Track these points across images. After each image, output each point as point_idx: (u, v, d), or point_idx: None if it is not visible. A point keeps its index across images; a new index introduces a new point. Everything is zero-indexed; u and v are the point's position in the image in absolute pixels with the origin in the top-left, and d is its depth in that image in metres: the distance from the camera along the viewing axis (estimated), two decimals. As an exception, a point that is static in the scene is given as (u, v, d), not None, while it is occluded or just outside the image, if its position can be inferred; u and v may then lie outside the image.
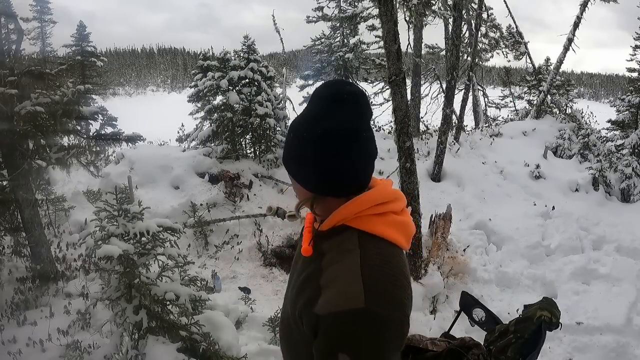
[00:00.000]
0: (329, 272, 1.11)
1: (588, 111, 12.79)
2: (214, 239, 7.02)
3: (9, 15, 6.62)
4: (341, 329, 1.06)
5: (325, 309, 1.07)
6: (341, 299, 1.06)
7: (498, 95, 17.00)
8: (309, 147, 1.10)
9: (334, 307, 1.06)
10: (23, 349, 3.95)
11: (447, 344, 2.21)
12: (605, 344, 4.76)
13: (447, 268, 5.77)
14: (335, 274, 1.10)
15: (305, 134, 1.10)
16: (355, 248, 1.11)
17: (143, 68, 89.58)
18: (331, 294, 1.08)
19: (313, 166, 1.12)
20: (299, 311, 1.15)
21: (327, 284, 1.10)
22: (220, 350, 3.21)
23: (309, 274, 1.16)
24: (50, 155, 4.98)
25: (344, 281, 1.08)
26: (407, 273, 1.18)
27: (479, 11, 11.58)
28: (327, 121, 1.08)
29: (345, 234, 1.14)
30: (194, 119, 9.85)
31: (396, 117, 5.21)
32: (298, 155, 1.14)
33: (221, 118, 8.61)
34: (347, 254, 1.11)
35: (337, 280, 1.09)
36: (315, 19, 12.72)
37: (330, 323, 1.06)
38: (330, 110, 1.09)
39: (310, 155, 1.11)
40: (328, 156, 1.09)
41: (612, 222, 7.68)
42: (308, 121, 1.11)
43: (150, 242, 3.11)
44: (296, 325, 1.19)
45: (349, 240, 1.13)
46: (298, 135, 1.13)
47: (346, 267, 1.09)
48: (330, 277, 1.10)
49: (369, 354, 1.05)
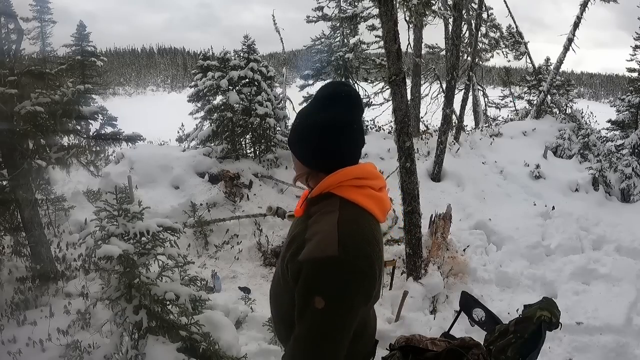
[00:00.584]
0: (313, 228, 1.37)
1: (588, 111, 12.78)
2: (214, 238, 7.02)
3: (9, 15, 6.61)
4: (317, 274, 1.28)
5: (305, 256, 1.30)
6: (319, 248, 1.29)
7: (498, 95, 16.99)
8: (311, 132, 1.39)
9: (312, 254, 1.29)
10: (23, 348, 3.95)
11: (447, 344, 2.21)
12: (605, 344, 4.75)
13: (447, 268, 5.76)
14: (317, 229, 1.35)
15: (309, 121, 1.40)
16: (335, 210, 1.37)
17: (143, 68, 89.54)
18: (312, 244, 1.31)
19: (312, 147, 1.40)
20: (286, 262, 1.38)
21: (310, 237, 1.34)
22: (220, 350, 3.21)
23: (297, 231, 1.41)
24: (50, 155, 4.97)
25: (323, 234, 1.32)
26: (378, 237, 1.41)
27: (479, 11, 11.57)
28: (327, 113, 1.37)
29: (330, 199, 1.40)
30: (194, 118, 9.85)
31: (396, 117, 5.20)
32: (301, 137, 1.42)
33: (221, 118, 8.61)
34: (328, 214, 1.37)
35: (318, 234, 1.33)
36: (315, 19, 12.71)
37: (309, 268, 1.28)
38: (330, 105, 1.38)
39: (311, 139, 1.39)
40: (325, 140, 1.38)
41: (612, 222, 7.68)
42: (312, 112, 1.41)
43: (150, 242, 3.11)
44: (283, 276, 1.41)
45: (331, 204, 1.39)
46: (303, 122, 1.42)
47: (326, 223, 1.34)
48: (313, 232, 1.35)
49: (338, 298, 1.27)
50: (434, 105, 14.41)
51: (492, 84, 30.79)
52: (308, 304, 1.27)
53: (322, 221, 1.36)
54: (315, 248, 1.29)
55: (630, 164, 9.04)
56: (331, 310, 1.27)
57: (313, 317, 1.27)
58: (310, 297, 1.27)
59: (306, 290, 1.28)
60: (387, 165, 8.80)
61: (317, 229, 1.35)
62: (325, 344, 1.29)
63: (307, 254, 1.30)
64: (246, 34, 9.27)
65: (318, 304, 1.26)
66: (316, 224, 1.37)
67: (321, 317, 1.27)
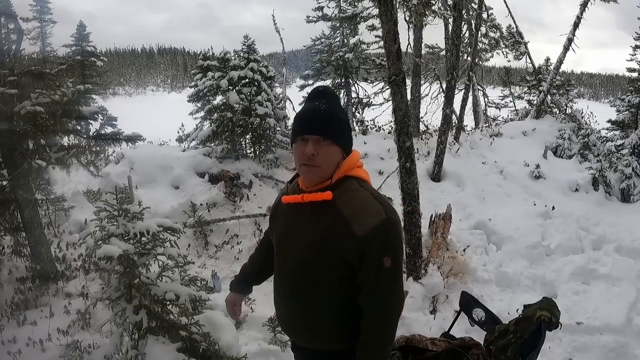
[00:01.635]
0: (349, 207, 1.56)
1: (588, 111, 12.78)
2: (213, 238, 7.02)
3: (9, 15, 6.61)
4: (379, 238, 1.51)
5: (364, 229, 1.51)
6: (371, 217, 1.52)
7: (498, 95, 16.98)
8: (347, 122, 1.68)
9: (369, 224, 1.51)
10: (23, 348, 3.95)
11: (447, 344, 2.21)
12: (605, 344, 4.75)
13: (447, 268, 5.76)
14: (355, 206, 1.55)
15: (342, 116, 1.66)
16: (358, 187, 1.62)
17: (143, 68, 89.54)
18: (362, 218, 1.52)
19: (348, 135, 1.67)
20: (336, 247, 1.54)
21: (354, 215, 1.54)
22: (220, 350, 3.20)
23: (330, 219, 1.56)
24: (50, 155, 4.97)
25: (366, 207, 1.54)
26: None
27: (479, 11, 11.57)
28: (342, 107, 1.74)
29: (347, 181, 1.62)
30: (193, 118, 9.85)
31: (396, 117, 5.20)
32: (342, 127, 1.64)
33: (221, 118, 8.60)
34: (355, 191, 1.60)
35: (361, 208, 1.54)
36: (315, 19, 12.71)
37: (372, 237, 1.51)
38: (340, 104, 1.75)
39: (348, 129, 1.67)
40: (349, 129, 1.69)
41: (612, 222, 7.67)
42: (337, 109, 1.66)
43: (150, 242, 3.11)
44: (328, 263, 1.56)
45: (352, 184, 1.62)
46: (339, 117, 1.64)
47: (361, 198, 1.58)
48: (353, 209, 1.55)
49: (399, 250, 1.58)
50: (434, 105, 14.41)
51: (492, 84, 30.81)
52: (381, 268, 1.50)
53: (354, 198, 1.57)
54: (367, 219, 1.51)
55: (630, 164, 9.04)
56: (397, 263, 1.55)
57: (386, 276, 1.51)
58: (380, 261, 1.50)
59: (377, 256, 1.50)
60: (387, 165, 8.80)
61: (355, 206, 1.55)
62: (399, 294, 1.59)
63: (364, 227, 1.51)
64: (246, 34, 9.27)
65: (386, 263, 1.50)
66: (350, 202, 1.56)
67: (392, 273, 1.52)
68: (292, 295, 1.68)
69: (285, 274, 1.70)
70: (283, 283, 1.73)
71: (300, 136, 1.59)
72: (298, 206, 1.63)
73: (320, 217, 1.58)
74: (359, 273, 1.54)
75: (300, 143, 1.59)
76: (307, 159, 1.55)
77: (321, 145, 1.56)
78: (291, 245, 1.67)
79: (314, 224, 1.59)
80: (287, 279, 1.69)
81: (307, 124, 1.58)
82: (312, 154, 1.54)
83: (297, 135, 1.60)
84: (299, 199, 1.62)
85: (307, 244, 1.59)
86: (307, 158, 1.55)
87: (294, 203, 1.65)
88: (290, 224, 1.69)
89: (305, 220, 1.62)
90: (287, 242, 1.70)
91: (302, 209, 1.62)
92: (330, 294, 1.59)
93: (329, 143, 1.57)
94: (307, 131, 1.57)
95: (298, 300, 1.65)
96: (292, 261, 1.65)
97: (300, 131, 1.60)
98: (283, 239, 1.72)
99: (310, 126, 1.57)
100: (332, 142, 1.58)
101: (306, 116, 1.61)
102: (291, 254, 1.66)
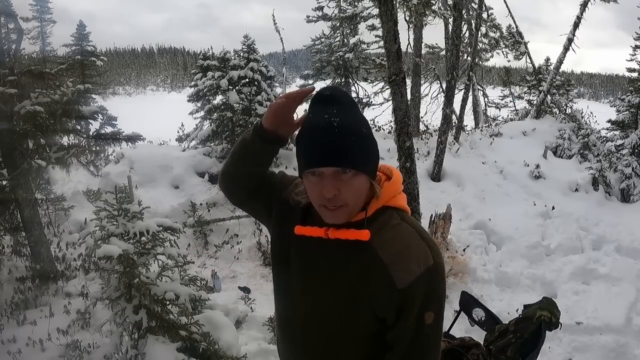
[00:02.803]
0: (389, 249, 1.20)
1: (588, 111, 12.78)
2: (213, 238, 7.02)
3: (9, 15, 6.62)
4: (424, 290, 1.18)
5: (407, 280, 1.17)
6: (417, 264, 1.17)
7: (498, 95, 16.98)
8: (369, 139, 1.21)
9: (414, 273, 1.17)
10: (23, 348, 3.95)
11: (447, 344, 2.21)
12: (605, 344, 4.76)
13: (447, 268, 5.76)
14: (398, 248, 1.20)
15: (364, 130, 1.20)
16: (400, 222, 1.24)
17: (143, 68, 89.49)
18: (405, 264, 1.18)
19: (374, 154, 1.22)
20: (369, 301, 1.21)
21: (396, 261, 1.18)
22: (220, 350, 3.21)
23: (363, 264, 1.21)
24: (50, 155, 4.97)
25: (412, 249, 1.19)
26: None
27: (479, 11, 11.57)
28: (362, 114, 1.25)
29: (386, 213, 1.25)
30: (193, 118, 9.85)
31: (396, 117, 5.21)
32: (367, 148, 1.20)
33: (221, 117, 8.61)
34: (397, 227, 1.23)
35: (404, 251, 1.19)
36: (315, 19, 12.73)
37: (416, 289, 1.17)
38: (356, 107, 1.24)
39: (373, 145, 1.22)
40: (374, 144, 1.23)
41: (611, 222, 7.68)
42: (356, 120, 1.20)
43: (150, 241, 3.11)
44: (355, 318, 1.23)
45: (392, 217, 1.25)
46: (360, 132, 1.19)
47: (406, 238, 1.21)
48: (394, 253, 1.19)
49: (442, 304, 1.23)
50: (434, 105, 14.41)
51: (492, 84, 30.80)
52: (421, 325, 1.20)
53: (397, 237, 1.22)
54: (412, 266, 1.18)
55: (630, 164, 9.04)
56: (439, 317, 1.23)
57: (427, 334, 1.22)
58: (422, 316, 1.19)
59: (418, 311, 1.19)
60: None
61: (397, 249, 1.20)
62: (436, 353, 1.26)
63: (407, 277, 1.17)
64: (246, 34, 9.27)
65: (429, 319, 1.20)
66: (390, 242, 1.21)
67: (434, 330, 1.23)
68: (305, 349, 1.37)
69: (297, 325, 1.37)
70: (293, 335, 1.40)
71: (310, 170, 1.18)
72: (319, 242, 1.26)
73: (350, 259, 1.23)
74: (392, 329, 1.23)
75: (313, 178, 1.18)
76: (328, 201, 1.17)
77: (341, 179, 1.16)
78: (307, 292, 1.32)
79: (340, 270, 1.25)
80: (300, 332, 1.36)
81: (319, 154, 1.16)
82: (334, 194, 1.16)
83: (308, 168, 1.18)
84: (320, 234, 1.25)
85: (330, 294, 1.26)
86: (327, 200, 1.17)
87: (313, 237, 1.27)
88: (307, 264, 1.31)
89: (329, 261, 1.26)
90: (300, 286, 1.33)
91: (325, 245, 1.26)
92: (353, 353, 1.29)
93: (352, 175, 1.17)
94: (320, 163, 1.16)
95: (313, 354, 1.35)
96: (307, 309, 1.32)
97: (310, 164, 1.18)
98: (295, 277, 1.35)
99: (325, 157, 1.16)
100: (357, 171, 1.17)
101: (316, 140, 1.17)
102: (307, 305, 1.32)
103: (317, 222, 1.27)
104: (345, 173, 1.16)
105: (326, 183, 1.16)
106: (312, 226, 1.27)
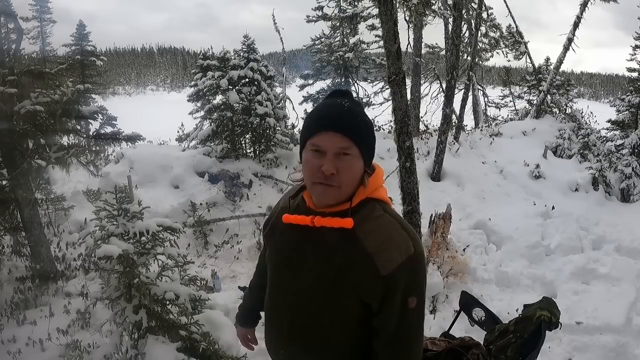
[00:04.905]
0: (373, 238, 1.27)
1: (588, 111, 12.79)
2: (213, 238, 7.02)
3: (9, 15, 6.61)
4: (407, 277, 1.25)
5: (390, 267, 1.24)
6: (399, 253, 1.25)
7: (498, 95, 16.98)
8: (372, 131, 1.33)
9: (396, 261, 1.24)
10: (23, 348, 3.95)
11: (447, 344, 2.21)
12: (605, 344, 4.75)
13: (447, 267, 5.76)
14: (380, 238, 1.27)
15: (368, 120, 1.32)
16: (382, 213, 1.32)
17: (143, 68, 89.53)
18: (388, 253, 1.25)
19: (373, 146, 1.33)
20: (354, 287, 1.27)
21: (379, 249, 1.25)
22: (220, 350, 3.21)
23: (348, 251, 1.28)
24: (49, 155, 4.97)
25: (394, 239, 1.27)
26: None
27: (479, 11, 11.57)
28: (362, 107, 1.36)
29: (369, 205, 1.32)
30: (193, 118, 9.85)
31: (396, 117, 5.20)
32: (369, 133, 1.30)
33: (221, 117, 8.60)
34: (379, 219, 1.30)
35: (387, 241, 1.26)
36: (315, 19, 12.72)
37: (398, 276, 1.24)
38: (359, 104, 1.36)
39: (373, 137, 1.33)
40: (374, 138, 1.34)
41: (611, 222, 7.67)
42: (364, 113, 1.32)
43: (150, 241, 3.11)
44: (341, 304, 1.29)
45: (374, 209, 1.32)
46: (366, 120, 1.31)
47: (388, 228, 1.29)
48: (377, 242, 1.26)
49: (424, 289, 1.31)
50: (434, 105, 14.42)
51: (492, 83, 30.82)
52: (405, 309, 1.27)
53: (380, 228, 1.29)
54: (395, 255, 1.25)
55: (630, 163, 9.04)
56: (421, 302, 1.31)
57: (410, 318, 1.29)
58: (405, 301, 1.26)
59: (402, 296, 1.26)
60: (387, 165, 8.77)
61: (381, 238, 1.27)
62: (420, 338, 1.35)
63: (390, 265, 1.24)
64: (246, 34, 9.27)
65: (411, 304, 1.27)
66: (374, 233, 1.28)
67: (417, 314, 1.30)
68: (291, 334, 1.40)
69: (284, 310, 1.41)
70: (280, 321, 1.44)
71: (316, 134, 1.24)
72: (305, 229, 1.33)
73: (335, 247, 1.29)
74: (377, 314, 1.29)
75: (314, 154, 1.25)
76: (324, 178, 1.23)
77: (342, 160, 1.23)
78: (294, 277, 1.37)
79: (326, 256, 1.30)
80: (287, 317, 1.41)
81: (327, 119, 1.24)
82: (332, 172, 1.22)
83: (313, 131, 1.25)
84: (307, 222, 1.31)
85: (315, 279, 1.31)
86: (323, 177, 1.23)
87: (300, 225, 1.34)
88: (293, 251, 1.37)
89: (315, 249, 1.32)
90: (288, 272, 1.39)
91: (310, 233, 1.32)
92: (340, 337, 1.33)
93: (352, 157, 1.24)
94: (328, 126, 1.23)
95: (299, 342, 1.39)
96: (294, 298, 1.37)
97: (317, 127, 1.25)
98: (283, 268, 1.41)
99: (333, 122, 1.23)
100: (357, 153, 1.25)
101: (325, 111, 1.27)
102: (293, 290, 1.37)
103: (302, 211, 1.36)
104: (345, 155, 1.24)
105: (327, 161, 1.23)
106: (298, 214, 1.36)
